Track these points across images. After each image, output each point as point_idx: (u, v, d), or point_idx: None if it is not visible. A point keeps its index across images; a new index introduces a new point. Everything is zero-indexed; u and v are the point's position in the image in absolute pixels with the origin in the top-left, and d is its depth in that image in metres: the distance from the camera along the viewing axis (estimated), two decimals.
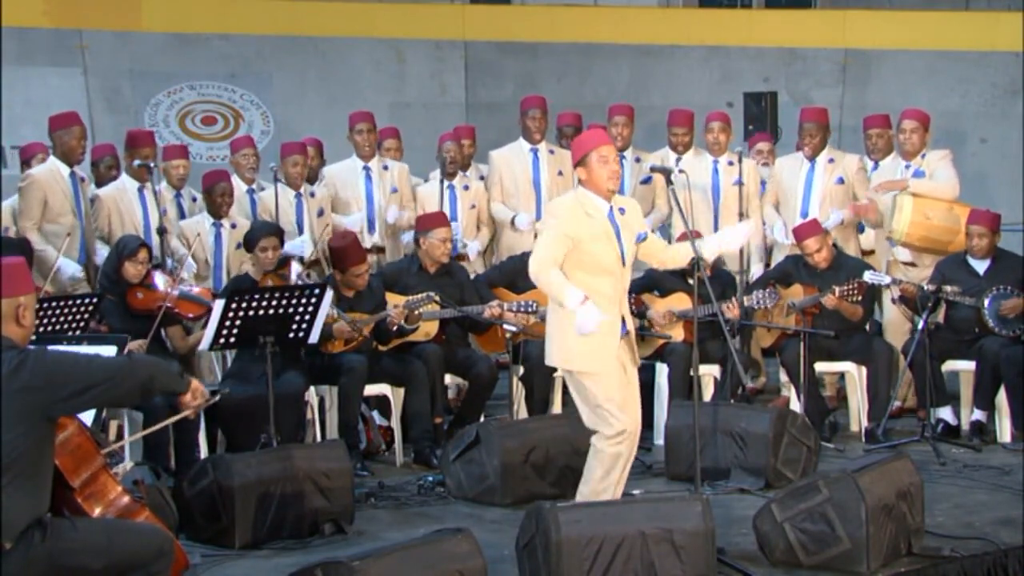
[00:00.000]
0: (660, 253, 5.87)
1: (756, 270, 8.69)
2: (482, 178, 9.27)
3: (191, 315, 7.08)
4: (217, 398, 4.48)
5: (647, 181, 9.05)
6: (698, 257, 5.70)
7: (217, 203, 8.07)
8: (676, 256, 5.87)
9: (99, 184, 8.45)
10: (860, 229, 8.77)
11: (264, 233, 7.42)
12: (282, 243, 7.50)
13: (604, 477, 5.51)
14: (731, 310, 7.53)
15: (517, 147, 9.15)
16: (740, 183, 8.63)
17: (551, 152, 9.01)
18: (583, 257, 5.47)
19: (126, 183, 8.14)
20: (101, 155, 8.86)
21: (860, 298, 7.64)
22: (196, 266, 7.91)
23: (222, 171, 8.52)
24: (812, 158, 8.58)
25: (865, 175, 8.58)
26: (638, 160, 9.13)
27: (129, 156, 8.18)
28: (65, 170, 7.92)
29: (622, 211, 5.57)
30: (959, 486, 6.61)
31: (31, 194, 7.82)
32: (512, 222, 8.92)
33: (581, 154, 5.53)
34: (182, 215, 8.31)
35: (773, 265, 8.51)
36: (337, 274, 7.40)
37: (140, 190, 8.05)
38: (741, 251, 8.54)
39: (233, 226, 8.09)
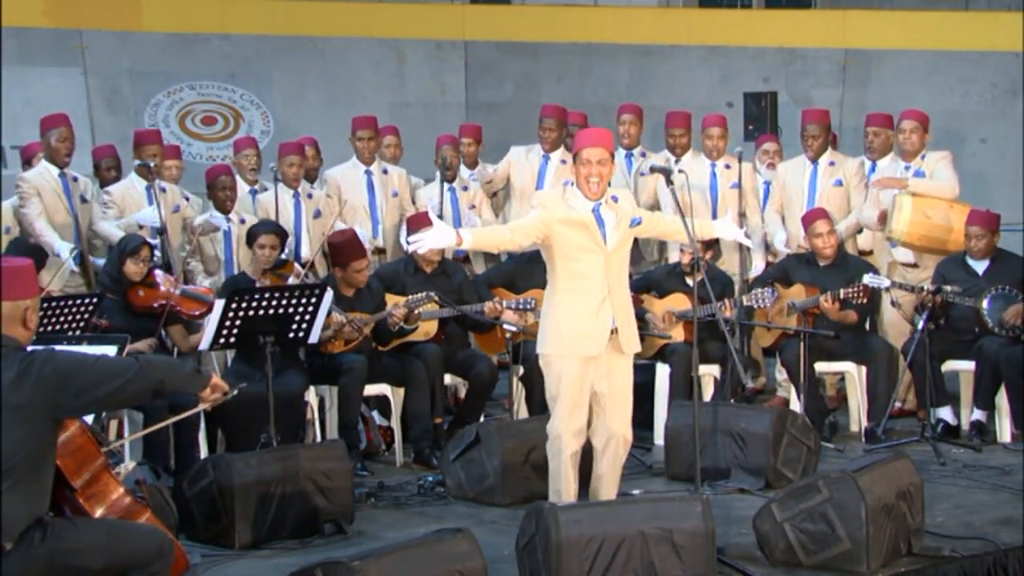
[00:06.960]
0: (668, 225, 5.92)
1: (756, 269, 8.68)
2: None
3: (195, 312, 7.07)
4: (235, 392, 4.46)
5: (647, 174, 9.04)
6: (696, 258, 5.70)
7: (220, 198, 8.09)
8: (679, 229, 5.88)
9: (102, 185, 8.48)
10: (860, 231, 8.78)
11: (265, 230, 7.42)
12: (284, 245, 7.49)
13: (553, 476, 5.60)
14: (726, 310, 7.52)
15: (534, 150, 9.17)
16: (738, 186, 8.61)
17: (563, 162, 8.93)
18: (559, 240, 5.49)
19: (134, 182, 8.19)
20: (102, 156, 8.88)
21: (864, 301, 7.63)
22: (180, 266, 7.91)
23: (223, 165, 8.54)
24: (815, 160, 8.58)
25: (863, 179, 8.57)
26: (644, 155, 9.16)
27: (135, 156, 8.22)
28: (55, 171, 7.95)
29: (615, 199, 5.60)
30: (959, 486, 6.61)
31: (27, 190, 7.88)
32: None
33: (575, 150, 5.61)
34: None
35: (774, 264, 8.50)
36: (337, 271, 7.36)
37: (148, 189, 8.07)
38: (741, 251, 8.53)
39: (242, 221, 8.09)
